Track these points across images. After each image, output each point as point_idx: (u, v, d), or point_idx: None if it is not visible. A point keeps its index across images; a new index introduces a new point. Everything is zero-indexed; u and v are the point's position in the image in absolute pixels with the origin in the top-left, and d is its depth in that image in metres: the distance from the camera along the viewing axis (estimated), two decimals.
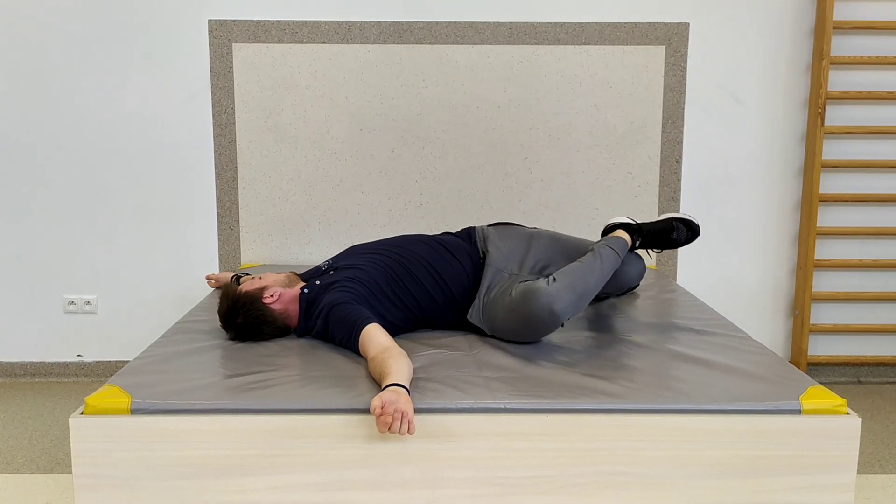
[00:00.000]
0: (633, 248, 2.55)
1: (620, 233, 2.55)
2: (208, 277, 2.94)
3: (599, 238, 2.59)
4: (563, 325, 2.25)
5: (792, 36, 3.34)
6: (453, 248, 2.48)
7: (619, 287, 2.64)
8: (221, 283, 2.94)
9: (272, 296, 2.30)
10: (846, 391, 3.41)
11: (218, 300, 2.41)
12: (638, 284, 2.75)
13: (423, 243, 2.48)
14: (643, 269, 2.66)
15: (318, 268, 2.54)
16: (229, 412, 1.83)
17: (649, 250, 2.64)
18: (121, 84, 3.33)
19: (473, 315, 2.38)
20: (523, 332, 2.25)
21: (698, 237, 2.54)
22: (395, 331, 2.33)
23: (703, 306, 2.73)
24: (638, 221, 2.67)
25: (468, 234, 2.59)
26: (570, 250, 2.49)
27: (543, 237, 2.56)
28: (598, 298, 2.74)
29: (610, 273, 2.38)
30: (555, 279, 2.21)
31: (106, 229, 3.42)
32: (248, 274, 2.48)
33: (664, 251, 2.62)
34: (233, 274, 2.74)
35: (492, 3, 3.29)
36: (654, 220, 2.73)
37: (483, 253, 2.50)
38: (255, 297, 2.29)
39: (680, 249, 3.45)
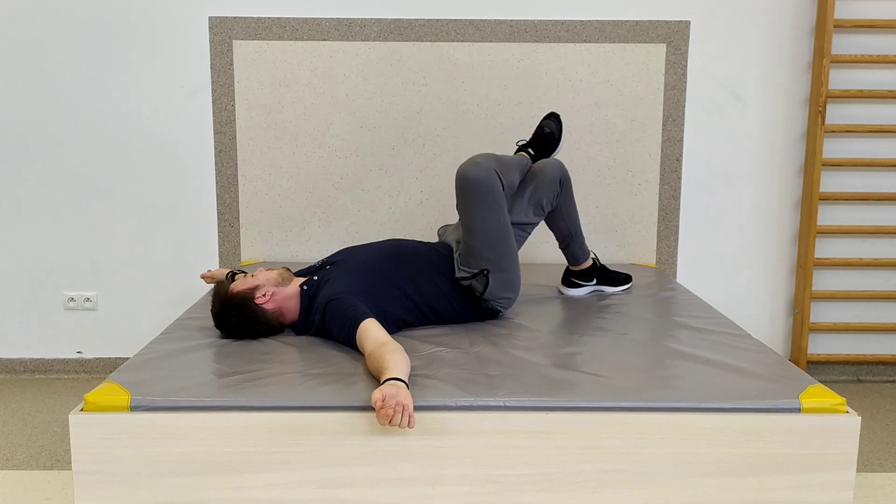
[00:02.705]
0: (533, 160, 2.81)
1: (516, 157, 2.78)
2: (203, 276, 2.94)
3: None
4: (504, 187, 2.46)
5: (793, 34, 3.34)
6: (434, 244, 2.64)
7: (550, 176, 2.70)
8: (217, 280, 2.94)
9: (264, 295, 2.29)
10: (846, 390, 3.41)
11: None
12: (565, 174, 2.75)
13: (411, 241, 2.62)
14: (558, 160, 2.79)
15: (313, 266, 2.55)
16: (229, 409, 1.83)
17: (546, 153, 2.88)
18: (121, 81, 3.33)
19: (458, 271, 2.48)
20: (483, 210, 2.42)
21: (559, 116, 2.89)
22: (396, 323, 2.36)
23: (702, 304, 2.73)
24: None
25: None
26: None
27: None
28: (564, 238, 2.86)
29: (520, 161, 2.67)
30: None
31: (106, 226, 3.42)
32: (243, 272, 2.48)
33: (557, 151, 2.92)
34: (228, 271, 2.73)
35: (493, 1, 3.29)
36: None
37: (447, 246, 2.65)
38: (246, 298, 2.28)
39: (680, 249, 3.46)
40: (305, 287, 2.35)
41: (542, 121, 2.90)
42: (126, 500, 1.84)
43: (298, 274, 2.52)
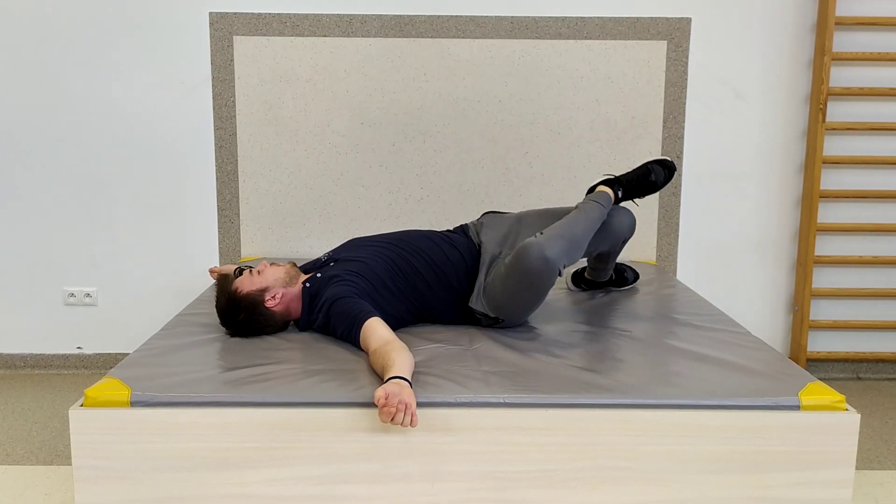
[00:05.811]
0: (616, 199, 2.62)
1: (601, 188, 2.63)
2: (211, 271, 2.94)
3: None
4: (560, 274, 2.29)
5: (794, 32, 3.33)
6: (452, 241, 2.52)
7: (615, 238, 2.61)
8: None
9: (274, 297, 2.29)
10: (845, 387, 3.41)
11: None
12: (631, 235, 2.68)
13: (424, 237, 2.51)
14: (633, 219, 2.65)
15: (318, 260, 2.54)
16: (229, 405, 1.84)
17: (634, 200, 2.70)
18: (121, 76, 3.32)
19: (475, 300, 2.40)
20: (525, 294, 2.29)
21: (675, 173, 2.65)
22: (396, 323, 2.34)
23: (702, 302, 2.73)
24: (616, 175, 2.75)
25: (462, 229, 2.64)
26: (558, 218, 2.54)
27: (531, 215, 2.63)
28: (602, 264, 2.76)
29: (597, 222, 2.46)
30: (542, 233, 2.31)
31: (106, 222, 3.42)
32: (250, 267, 2.48)
33: (647, 196, 2.75)
34: (235, 267, 2.74)
35: None
36: (630, 169, 2.80)
37: (479, 244, 2.54)
38: (256, 301, 2.27)
39: (680, 246, 3.45)
40: (308, 284, 2.34)
41: (651, 163, 2.63)
42: (126, 496, 1.84)
43: (304, 268, 2.52)
